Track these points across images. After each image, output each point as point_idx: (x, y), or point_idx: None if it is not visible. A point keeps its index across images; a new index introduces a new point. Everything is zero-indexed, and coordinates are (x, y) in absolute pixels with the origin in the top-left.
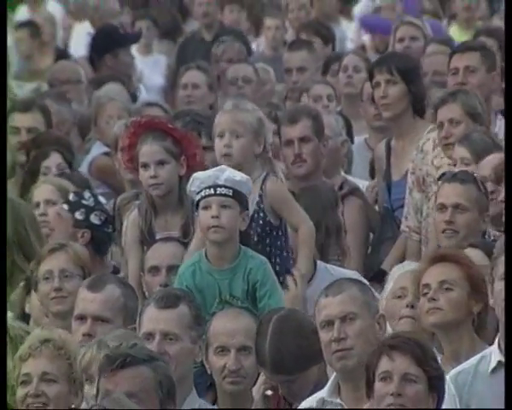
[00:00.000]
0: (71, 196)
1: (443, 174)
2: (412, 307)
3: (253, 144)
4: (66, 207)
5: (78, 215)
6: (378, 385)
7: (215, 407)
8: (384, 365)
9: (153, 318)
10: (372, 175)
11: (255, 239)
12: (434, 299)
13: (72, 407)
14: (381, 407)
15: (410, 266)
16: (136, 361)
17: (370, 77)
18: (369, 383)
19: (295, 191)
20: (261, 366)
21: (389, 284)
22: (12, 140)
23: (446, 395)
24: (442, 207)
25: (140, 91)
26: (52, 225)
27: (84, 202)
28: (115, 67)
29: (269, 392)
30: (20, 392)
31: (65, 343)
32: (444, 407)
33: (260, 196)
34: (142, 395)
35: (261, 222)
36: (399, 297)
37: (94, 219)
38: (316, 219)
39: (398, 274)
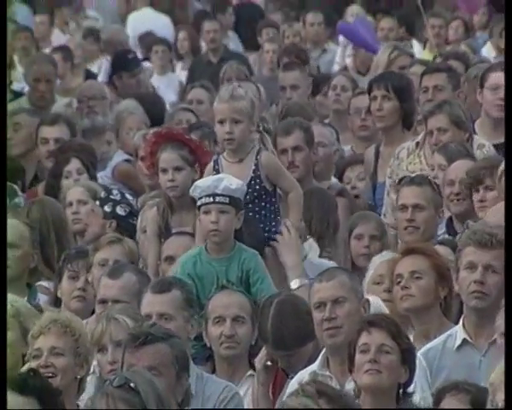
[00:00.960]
0: (102, 193)
1: (402, 179)
2: (389, 291)
3: (249, 126)
4: (97, 203)
5: (107, 208)
6: (358, 357)
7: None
8: (363, 339)
9: (149, 301)
10: None
11: (250, 205)
12: (406, 287)
13: (78, 377)
14: (360, 375)
15: (387, 255)
16: (156, 339)
17: (369, 90)
18: (351, 358)
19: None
20: (264, 342)
21: (370, 272)
22: (41, 149)
23: (418, 369)
24: (403, 208)
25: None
26: (85, 221)
27: (111, 196)
28: (132, 85)
29: (269, 363)
30: (33, 364)
31: (70, 323)
32: (416, 379)
33: (256, 164)
34: (161, 368)
35: (257, 187)
36: (378, 283)
37: (119, 210)
38: (322, 214)
39: (377, 263)
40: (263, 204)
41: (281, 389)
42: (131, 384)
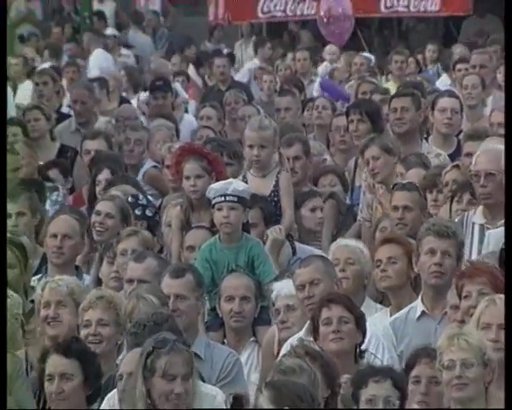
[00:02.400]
0: (129, 199)
1: (395, 184)
2: (343, 270)
3: (272, 150)
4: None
5: (137, 211)
6: (322, 328)
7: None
8: (324, 313)
9: (168, 284)
10: None
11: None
12: (385, 270)
13: (119, 343)
14: (326, 343)
15: (341, 242)
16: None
17: (347, 114)
18: (315, 329)
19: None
20: None
21: (329, 256)
22: (84, 159)
23: (386, 335)
24: (395, 208)
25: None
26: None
27: (139, 201)
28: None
29: None
30: (83, 333)
31: (113, 299)
32: (385, 342)
33: (276, 181)
34: None
35: (276, 199)
36: (336, 265)
37: (148, 212)
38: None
39: (334, 248)
40: (278, 212)
41: None
42: None
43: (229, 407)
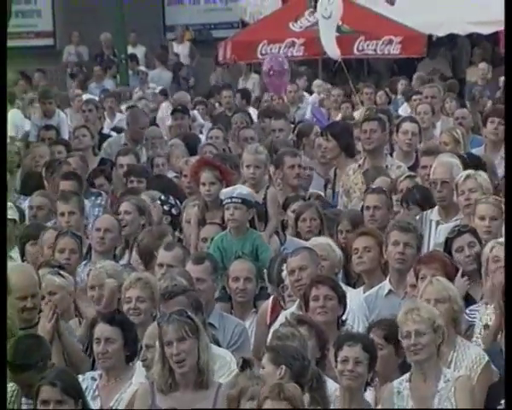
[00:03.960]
0: (162, 197)
1: (367, 188)
2: (325, 259)
3: (264, 170)
4: (159, 202)
5: (166, 207)
6: (311, 304)
7: (232, 315)
8: (314, 292)
9: (190, 269)
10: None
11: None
12: (361, 257)
13: (153, 314)
14: (314, 315)
15: (314, 242)
16: (176, 294)
17: (321, 134)
18: (306, 304)
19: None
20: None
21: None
22: (119, 171)
23: (360, 309)
24: (368, 208)
25: (200, 140)
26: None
27: (169, 201)
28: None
29: None
30: (125, 307)
31: (150, 280)
32: (360, 316)
33: (265, 195)
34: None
35: (265, 209)
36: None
37: (174, 211)
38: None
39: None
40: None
41: (275, 318)
42: None
43: (239, 368)
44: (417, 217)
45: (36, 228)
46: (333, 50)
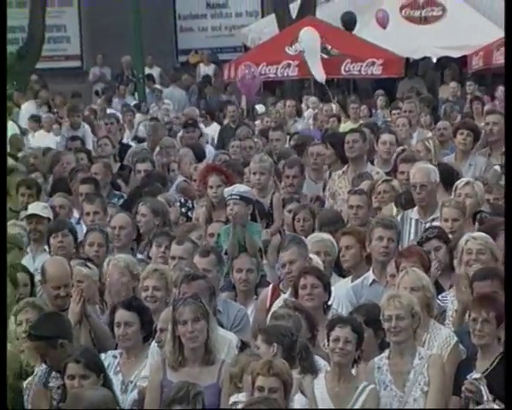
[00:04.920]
0: (182, 199)
1: (350, 190)
2: (329, 255)
3: (269, 177)
4: (178, 204)
5: (183, 209)
6: (300, 292)
7: (234, 302)
8: (302, 281)
9: (198, 261)
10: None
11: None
12: (344, 255)
13: (167, 301)
14: (303, 301)
15: (317, 237)
16: (197, 277)
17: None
18: (296, 292)
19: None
20: None
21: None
22: (137, 177)
23: (347, 296)
24: (351, 207)
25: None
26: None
27: (187, 204)
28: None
29: None
30: (143, 294)
31: (164, 271)
32: (345, 302)
33: (271, 201)
34: (200, 294)
35: (271, 213)
36: (317, 255)
37: (190, 214)
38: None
39: (313, 241)
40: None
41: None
42: None
43: (238, 349)
44: (399, 216)
45: (57, 223)
46: (318, 74)
